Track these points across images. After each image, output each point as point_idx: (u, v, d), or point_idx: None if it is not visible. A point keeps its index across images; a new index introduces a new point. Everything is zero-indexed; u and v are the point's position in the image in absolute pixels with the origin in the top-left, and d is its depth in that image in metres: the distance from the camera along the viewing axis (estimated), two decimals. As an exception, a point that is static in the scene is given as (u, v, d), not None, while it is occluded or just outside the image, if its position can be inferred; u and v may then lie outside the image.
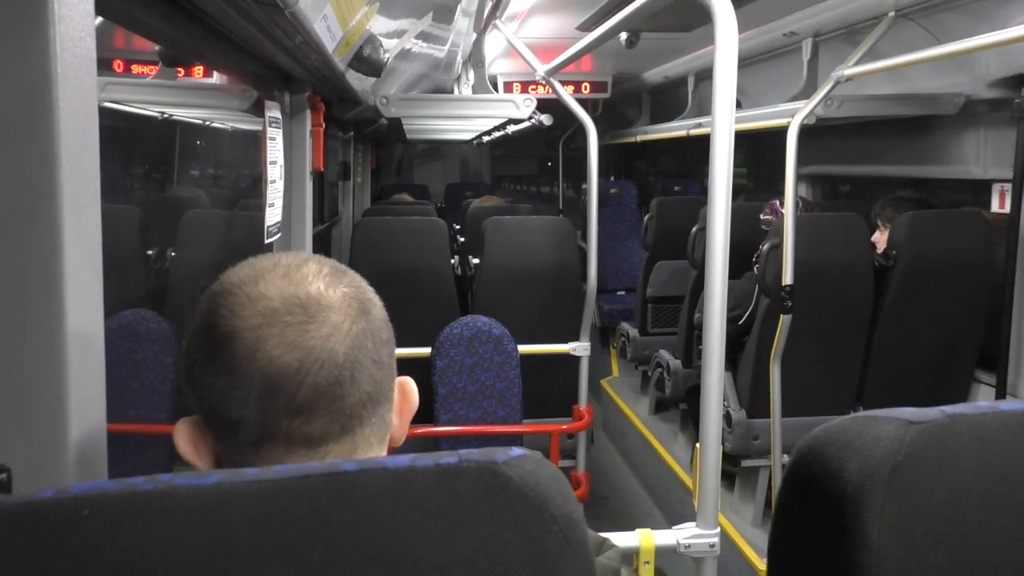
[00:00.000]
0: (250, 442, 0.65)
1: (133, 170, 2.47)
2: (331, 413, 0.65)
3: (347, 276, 0.71)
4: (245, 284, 0.67)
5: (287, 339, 0.64)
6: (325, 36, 1.59)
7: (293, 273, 0.68)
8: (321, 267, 0.70)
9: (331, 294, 0.67)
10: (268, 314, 0.65)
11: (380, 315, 0.72)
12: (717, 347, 1.60)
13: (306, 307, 0.65)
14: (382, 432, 0.71)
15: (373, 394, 0.68)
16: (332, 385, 0.65)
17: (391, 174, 8.94)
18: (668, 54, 4.51)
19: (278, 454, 0.65)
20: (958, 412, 0.53)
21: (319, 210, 4.15)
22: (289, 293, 0.66)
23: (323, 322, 0.65)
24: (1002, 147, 2.91)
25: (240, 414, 0.64)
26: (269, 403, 0.64)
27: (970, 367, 3.18)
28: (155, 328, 2.19)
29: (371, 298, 0.72)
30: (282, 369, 0.63)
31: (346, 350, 0.66)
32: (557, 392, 3.56)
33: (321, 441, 0.66)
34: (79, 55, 0.75)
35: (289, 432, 0.64)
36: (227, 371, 0.64)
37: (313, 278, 0.68)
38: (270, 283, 0.67)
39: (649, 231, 4.66)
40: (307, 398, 0.64)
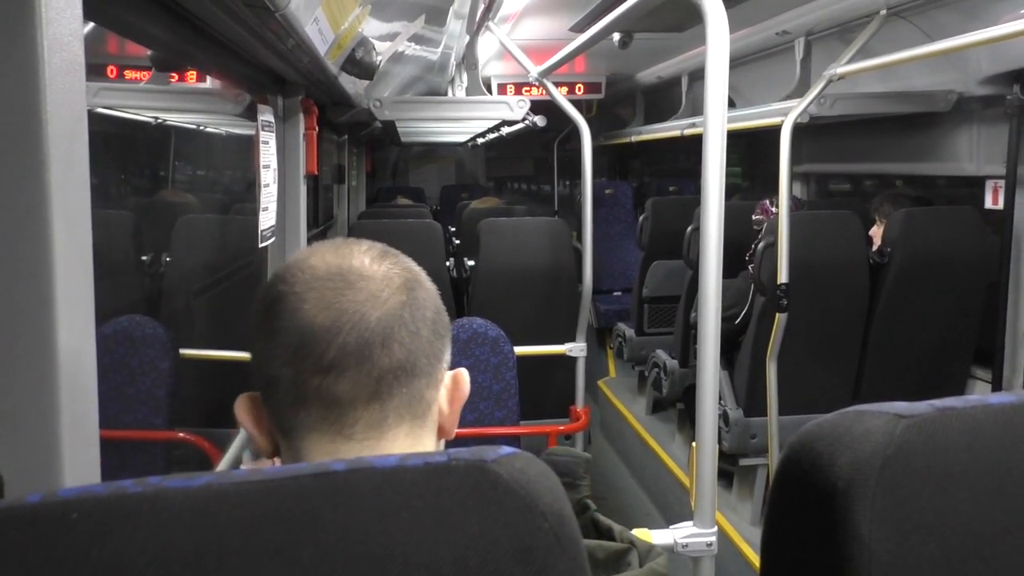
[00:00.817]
0: (288, 403, 0.69)
1: (127, 176, 2.47)
2: (359, 375, 0.67)
3: (398, 258, 0.75)
4: (300, 258, 0.73)
5: (324, 301, 0.68)
6: (317, 39, 1.59)
7: (342, 249, 0.73)
8: (372, 248, 0.75)
9: (374, 267, 0.71)
10: (311, 280, 0.69)
11: (427, 296, 0.74)
12: (712, 346, 1.60)
13: (346, 275, 0.70)
14: (416, 409, 0.71)
15: (405, 364, 0.69)
16: (361, 347, 0.68)
17: (386, 177, 8.94)
18: (661, 54, 4.52)
19: (312, 417, 0.68)
20: (948, 406, 0.53)
21: (314, 214, 4.15)
22: (334, 264, 0.71)
23: (360, 289, 0.69)
24: (995, 143, 2.92)
25: (278, 372, 0.68)
26: (301, 360, 0.67)
27: (966, 363, 3.18)
28: (150, 333, 2.19)
29: (420, 280, 0.75)
30: (315, 327, 0.67)
31: (380, 316, 0.69)
32: (554, 393, 3.56)
33: (349, 405, 0.68)
34: (67, 60, 0.74)
35: (319, 392, 0.67)
36: (271, 331, 0.69)
37: (360, 254, 0.73)
38: (320, 256, 0.72)
39: (644, 231, 4.66)
40: (336, 357, 0.67)
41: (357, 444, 0.69)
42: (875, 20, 2.71)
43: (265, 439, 0.73)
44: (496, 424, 3.03)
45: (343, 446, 0.68)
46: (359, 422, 0.68)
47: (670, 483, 3.97)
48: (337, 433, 0.68)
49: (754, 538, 3.19)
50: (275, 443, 0.73)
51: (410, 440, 0.71)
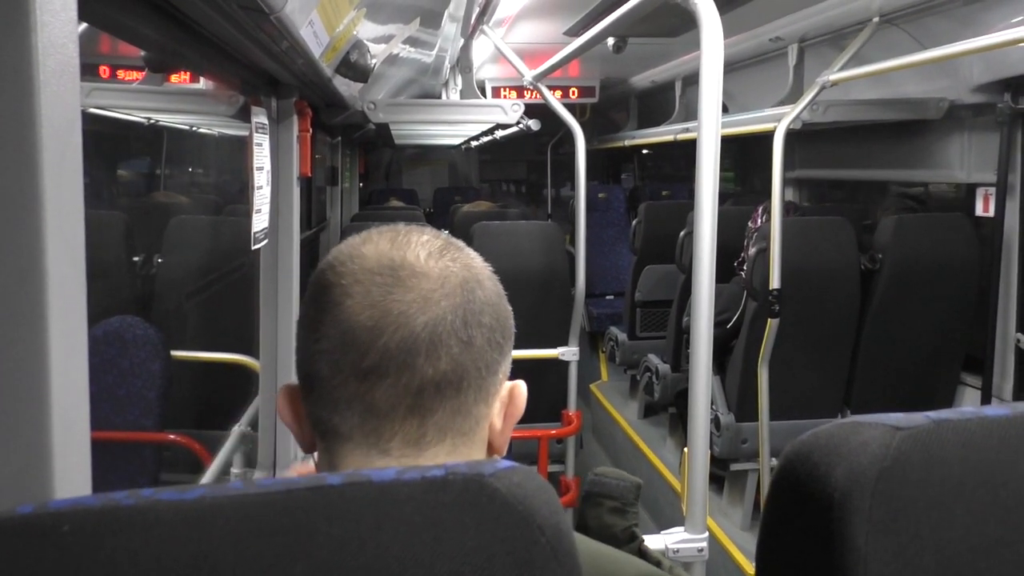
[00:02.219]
0: (324, 404, 0.64)
1: (119, 176, 2.46)
2: (398, 385, 0.62)
3: (461, 252, 0.68)
4: (353, 245, 0.67)
5: (370, 298, 0.62)
6: (311, 41, 1.59)
7: (399, 238, 0.66)
8: (435, 239, 0.68)
9: (430, 264, 0.64)
10: (360, 273, 0.64)
11: (486, 299, 0.67)
12: (705, 351, 1.60)
13: (397, 271, 0.63)
14: (462, 425, 0.65)
15: (451, 377, 0.63)
16: (403, 353, 0.61)
17: (380, 179, 8.94)
18: (655, 59, 4.53)
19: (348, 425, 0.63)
20: (944, 418, 0.53)
21: (307, 215, 4.13)
22: (386, 256, 0.64)
23: (411, 288, 0.63)
24: (986, 151, 2.94)
25: (316, 369, 0.63)
26: (341, 360, 0.62)
27: (956, 369, 3.20)
28: (141, 334, 2.18)
29: (481, 280, 0.67)
30: (356, 326, 0.62)
31: (427, 320, 0.62)
32: (546, 397, 3.56)
33: (386, 416, 0.62)
34: (62, 62, 0.74)
35: (356, 397, 0.62)
36: (314, 324, 0.64)
37: (418, 246, 0.66)
38: (374, 245, 0.66)
39: (637, 235, 4.67)
40: (375, 362, 0.61)
41: (394, 460, 0.63)
42: (868, 27, 2.72)
43: (303, 434, 0.68)
44: (488, 428, 3.03)
45: (378, 461, 0.63)
46: (396, 436, 0.63)
47: (661, 487, 3.98)
48: (372, 446, 0.63)
49: (745, 543, 3.20)
50: (313, 441, 0.68)
51: (452, 458, 0.65)
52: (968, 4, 2.45)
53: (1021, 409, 0.54)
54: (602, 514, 0.86)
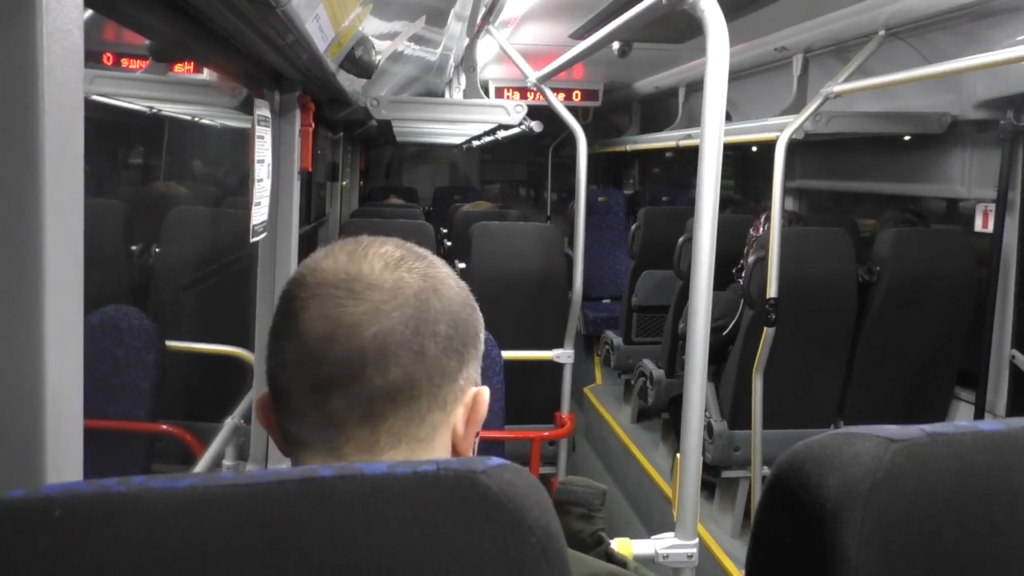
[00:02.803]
0: (290, 412, 0.66)
1: (119, 165, 2.46)
2: (349, 395, 0.64)
3: (420, 262, 0.69)
4: (316, 259, 0.69)
5: (324, 311, 0.64)
6: (317, 36, 1.59)
7: (358, 251, 0.68)
8: (394, 250, 0.69)
9: (385, 275, 0.66)
10: (317, 286, 0.66)
11: (442, 308, 0.68)
12: (700, 357, 1.60)
13: (352, 283, 0.65)
14: (417, 432, 0.66)
15: (403, 386, 0.64)
16: (353, 364, 0.63)
17: (380, 176, 8.93)
18: (659, 65, 4.53)
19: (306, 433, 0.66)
20: (938, 431, 0.53)
21: (306, 210, 4.13)
22: (343, 270, 0.66)
23: (363, 299, 0.65)
24: (986, 167, 2.94)
25: (279, 380, 0.66)
26: (297, 372, 0.65)
27: (950, 384, 3.20)
28: (137, 324, 2.17)
29: (439, 289, 0.68)
30: (310, 339, 0.64)
31: (377, 332, 0.64)
32: (540, 399, 3.56)
33: (339, 426, 0.64)
34: (66, 48, 0.74)
35: (313, 408, 0.65)
36: (277, 336, 0.67)
37: (375, 258, 0.67)
38: (333, 259, 0.68)
39: (636, 240, 4.67)
40: (328, 373, 0.64)
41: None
42: (873, 40, 2.73)
43: (280, 441, 0.70)
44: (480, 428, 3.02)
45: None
46: (349, 443, 0.65)
47: (652, 492, 3.98)
48: (329, 452, 0.65)
49: (735, 551, 3.20)
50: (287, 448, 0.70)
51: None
52: (974, 20, 2.46)
53: (1015, 424, 0.54)
54: (570, 521, 0.88)
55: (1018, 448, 0.52)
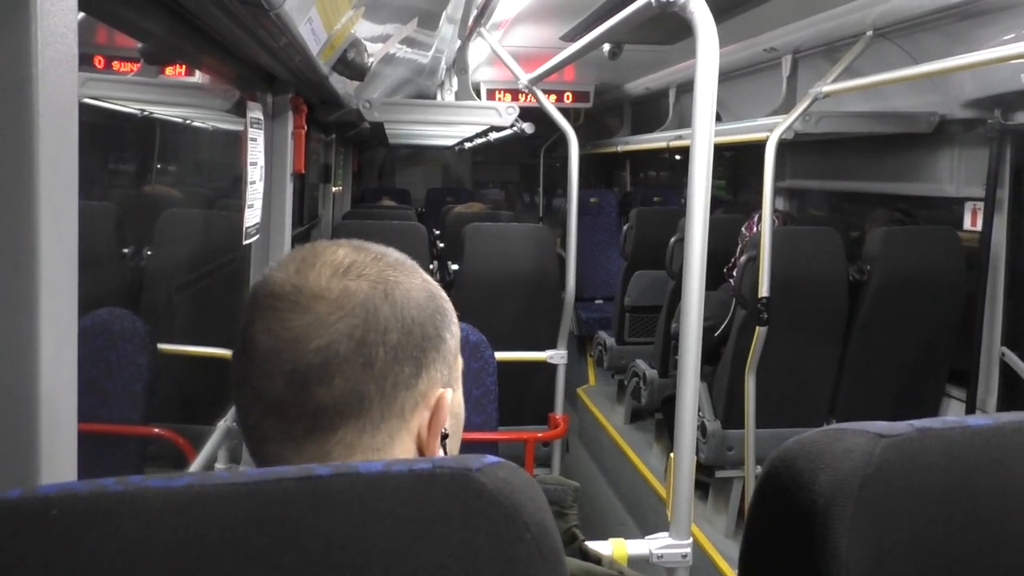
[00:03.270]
0: (243, 426, 0.66)
1: (111, 167, 2.45)
2: (296, 408, 0.62)
3: (374, 267, 0.67)
4: (269, 271, 0.67)
5: (267, 325, 0.63)
6: (309, 38, 1.59)
7: (308, 259, 0.66)
8: (347, 255, 0.67)
9: (331, 285, 0.64)
10: (266, 299, 0.65)
11: (396, 313, 0.65)
12: (693, 357, 1.61)
13: (296, 296, 0.63)
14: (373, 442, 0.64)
15: (350, 399, 0.62)
16: (295, 380, 0.62)
17: (373, 177, 8.92)
18: (650, 66, 4.55)
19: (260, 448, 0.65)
20: (927, 426, 0.54)
21: (299, 212, 4.13)
22: (289, 282, 0.64)
23: (307, 311, 0.63)
24: (975, 166, 2.96)
25: (235, 397, 0.66)
26: (244, 389, 0.64)
27: (941, 382, 3.22)
28: (129, 327, 2.17)
29: (393, 294, 0.65)
30: (255, 356, 0.63)
31: (320, 345, 0.62)
32: (533, 400, 3.56)
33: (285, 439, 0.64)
34: (61, 51, 0.74)
35: (260, 424, 0.64)
36: (233, 353, 0.66)
37: (322, 267, 0.65)
38: (283, 269, 0.66)
39: (628, 241, 4.68)
40: (271, 388, 0.62)
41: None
42: (861, 41, 2.74)
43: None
44: (475, 429, 3.02)
45: None
46: (303, 455, 0.64)
47: (646, 493, 3.98)
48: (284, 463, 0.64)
49: (729, 550, 3.21)
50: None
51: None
52: (961, 20, 2.48)
53: (1004, 419, 0.55)
54: None
55: (1006, 442, 0.53)
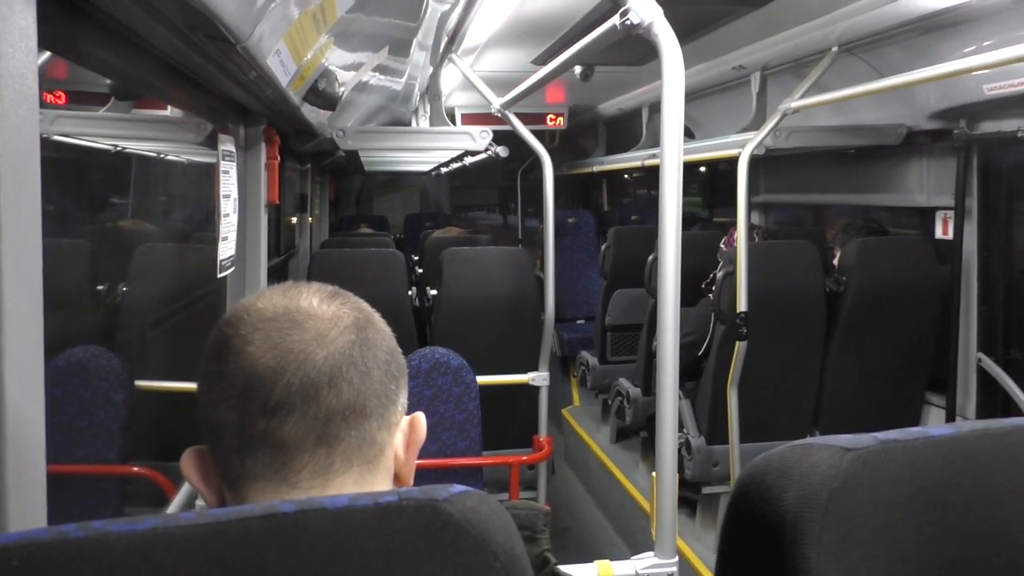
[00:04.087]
0: (234, 450, 0.67)
1: (84, 204, 2.43)
2: (306, 417, 0.66)
3: (349, 299, 0.74)
4: (247, 302, 0.72)
5: (270, 342, 0.67)
6: (279, 70, 1.59)
7: (291, 291, 0.72)
8: (322, 289, 0.74)
9: (323, 308, 0.70)
10: (258, 322, 0.68)
11: (379, 337, 0.72)
12: (671, 375, 1.61)
13: (293, 315, 0.69)
14: (367, 453, 0.69)
15: (355, 405, 0.67)
16: (307, 387, 0.66)
17: (350, 205, 8.92)
18: (622, 87, 4.60)
19: (259, 465, 0.66)
20: (891, 438, 0.54)
21: (275, 243, 4.11)
22: (281, 305, 0.70)
23: (308, 328, 0.68)
24: (943, 176, 3.01)
25: (224, 417, 0.67)
26: (247, 403, 0.66)
27: (921, 389, 3.25)
28: (105, 365, 2.14)
29: (372, 320, 0.73)
30: (260, 369, 0.66)
31: (327, 355, 0.67)
32: (517, 423, 3.55)
33: (295, 449, 0.66)
34: (20, 91, 0.74)
35: (265, 436, 0.65)
36: (216, 375, 0.68)
37: (309, 295, 0.72)
38: (267, 299, 0.71)
39: (607, 260, 4.70)
40: (281, 398, 0.65)
41: (302, 492, 0.66)
42: (827, 56, 2.79)
43: (213, 494, 0.71)
44: (459, 455, 3.01)
45: (288, 494, 0.66)
46: (305, 468, 0.66)
47: (634, 512, 3.97)
48: (282, 481, 0.66)
49: (717, 567, 3.20)
50: (223, 498, 0.70)
51: (358, 487, 0.68)
52: (923, 35, 2.52)
53: (965, 428, 0.56)
54: None
55: (967, 451, 0.54)
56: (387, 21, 2.22)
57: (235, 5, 1.08)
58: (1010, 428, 0.54)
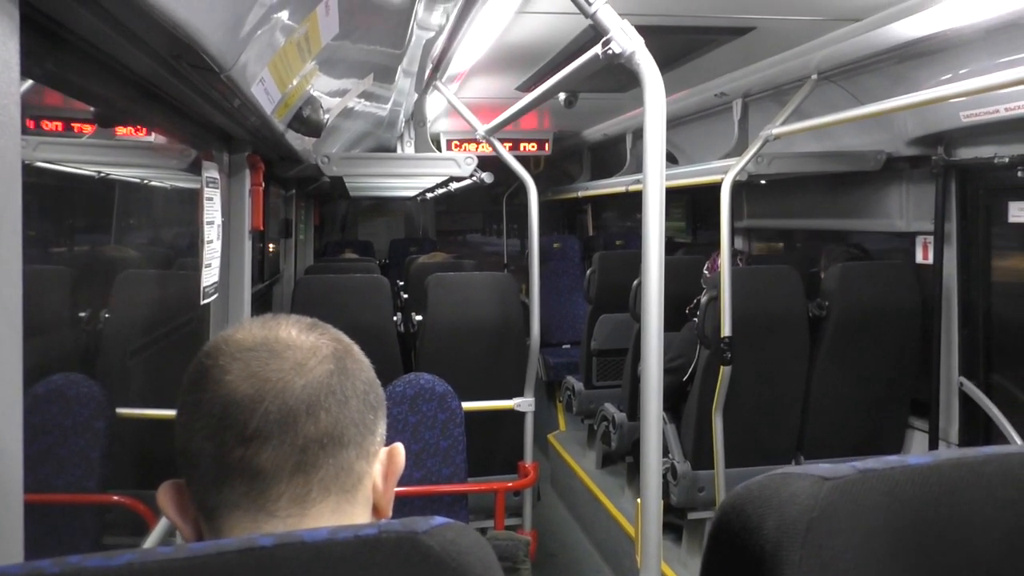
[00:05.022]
0: (210, 479, 0.66)
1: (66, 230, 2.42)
2: (283, 445, 0.66)
3: (328, 331, 0.75)
4: (226, 334, 0.72)
5: (248, 371, 0.67)
6: (263, 98, 1.60)
7: (269, 322, 0.73)
8: (301, 321, 0.74)
9: (302, 338, 0.71)
10: (237, 352, 0.69)
11: (357, 367, 0.73)
12: (655, 400, 1.61)
13: (272, 346, 0.69)
14: (345, 482, 0.69)
15: (333, 433, 0.68)
16: (285, 415, 0.66)
17: (335, 230, 8.91)
18: (606, 113, 4.64)
19: (235, 494, 0.66)
20: (869, 467, 0.55)
21: (259, 268, 4.10)
22: (260, 336, 0.71)
23: (286, 358, 0.69)
24: (923, 201, 3.05)
25: (200, 446, 0.67)
26: (224, 431, 0.66)
27: (904, 413, 3.27)
28: (85, 392, 2.12)
29: (351, 351, 0.74)
30: (238, 397, 0.66)
31: (305, 384, 0.68)
32: (503, 449, 3.53)
33: (272, 478, 0.66)
34: (2, 120, 0.74)
35: (242, 465, 0.65)
36: (194, 405, 0.68)
37: (288, 325, 0.72)
38: (247, 331, 0.72)
39: (592, 285, 4.71)
40: (258, 426, 0.65)
41: (280, 521, 0.66)
42: (807, 84, 2.83)
43: (189, 527, 0.70)
44: (443, 481, 2.99)
45: (265, 524, 0.66)
46: (283, 496, 0.66)
47: (620, 538, 3.95)
48: (260, 509, 0.66)
49: (704, 593, 3.18)
50: (200, 531, 0.69)
51: (336, 516, 0.68)
52: (900, 63, 2.57)
53: (943, 457, 0.56)
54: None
55: (945, 481, 0.54)
56: (372, 48, 2.24)
57: (219, 34, 1.09)
58: (985, 457, 0.55)
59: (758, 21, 2.40)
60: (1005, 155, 2.55)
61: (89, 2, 0.88)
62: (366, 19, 1.89)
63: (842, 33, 2.44)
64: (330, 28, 1.67)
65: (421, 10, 2.16)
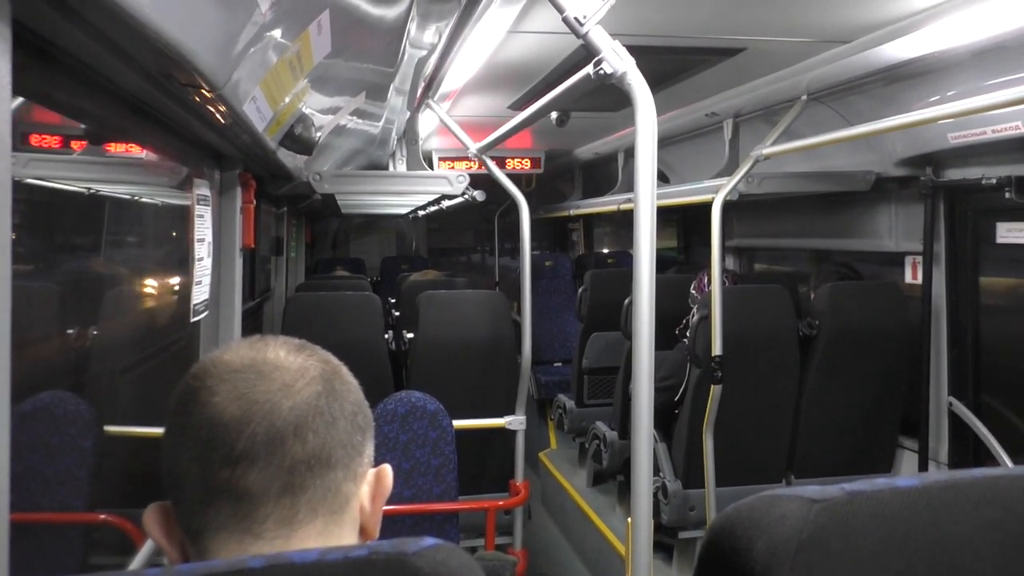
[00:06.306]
0: (196, 501, 0.66)
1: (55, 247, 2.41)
2: (270, 466, 0.65)
3: (317, 353, 0.74)
4: (214, 355, 0.72)
5: (236, 392, 0.67)
6: (255, 116, 1.60)
7: (257, 343, 0.73)
8: (289, 342, 0.74)
9: (290, 359, 0.71)
10: (224, 374, 0.69)
11: (346, 389, 0.73)
12: (646, 418, 1.61)
13: (260, 367, 0.69)
14: (332, 503, 0.69)
15: (320, 454, 0.67)
16: (272, 436, 0.66)
17: (326, 248, 8.90)
18: (598, 132, 4.67)
19: (222, 516, 0.65)
20: (857, 489, 0.55)
21: (250, 286, 4.09)
22: (248, 357, 0.70)
23: (274, 380, 0.68)
24: (912, 221, 3.07)
25: (187, 468, 0.66)
26: (210, 453, 0.65)
27: (894, 433, 3.27)
28: (73, 410, 2.10)
29: (339, 372, 0.74)
30: (225, 419, 0.66)
31: (292, 405, 0.67)
32: (494, 467, 3.52)
33: (259, 499, 0.65)
34: (-8, 140, 0.74)
35: (228, 486, 0.65)
36: (180, 427, 0.68)
37: (276, 347, 0.72)
38: (234, 352, 0.71)
39: (584, 303, 4.72)
40: (245, 448, 0.65)
41: (266, 543, 0.65)
42: (797, 104, 2.86)
43: (176, 550, 0.70)
44: (434, 500, 2.98)
45: (251, 545, 0.65)
46: (269, 518, 0.65)
47: (611, 557, 3.93)
48: (246, 531, 0.65)
49: (695, 613, 3.16)
50: (186, 553, 0.69)
51: (323, 538, 0.68)
52: (889, 84, 2.60)
53: (931, 479, 0.56)
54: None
55: (933, 502, 0.54)
56: (364, 67, 2.25)
57: (211, 53, 1.09)
58: (973, 480, 0.55)
59: (749, 42, 2.43)
60: (992, 176, 2.57)
61: (81, 21, 0.88)
62: (358, 38, 1.90)
63: (832, 55, 2.46)
64: (322, 46, 1.67)
65: (414, 29, 2.17)
